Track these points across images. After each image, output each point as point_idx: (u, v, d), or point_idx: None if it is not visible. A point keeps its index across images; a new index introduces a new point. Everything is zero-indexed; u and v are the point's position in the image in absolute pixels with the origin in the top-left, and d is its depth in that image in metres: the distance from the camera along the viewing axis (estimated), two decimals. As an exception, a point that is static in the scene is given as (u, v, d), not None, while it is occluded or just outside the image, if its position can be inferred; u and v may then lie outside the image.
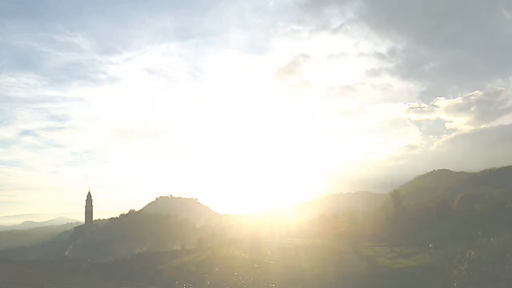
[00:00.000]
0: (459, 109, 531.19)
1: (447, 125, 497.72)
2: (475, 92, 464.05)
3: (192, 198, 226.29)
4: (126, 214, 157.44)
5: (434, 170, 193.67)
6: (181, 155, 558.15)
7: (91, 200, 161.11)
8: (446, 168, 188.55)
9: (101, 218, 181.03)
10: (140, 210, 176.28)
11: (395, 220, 70.72)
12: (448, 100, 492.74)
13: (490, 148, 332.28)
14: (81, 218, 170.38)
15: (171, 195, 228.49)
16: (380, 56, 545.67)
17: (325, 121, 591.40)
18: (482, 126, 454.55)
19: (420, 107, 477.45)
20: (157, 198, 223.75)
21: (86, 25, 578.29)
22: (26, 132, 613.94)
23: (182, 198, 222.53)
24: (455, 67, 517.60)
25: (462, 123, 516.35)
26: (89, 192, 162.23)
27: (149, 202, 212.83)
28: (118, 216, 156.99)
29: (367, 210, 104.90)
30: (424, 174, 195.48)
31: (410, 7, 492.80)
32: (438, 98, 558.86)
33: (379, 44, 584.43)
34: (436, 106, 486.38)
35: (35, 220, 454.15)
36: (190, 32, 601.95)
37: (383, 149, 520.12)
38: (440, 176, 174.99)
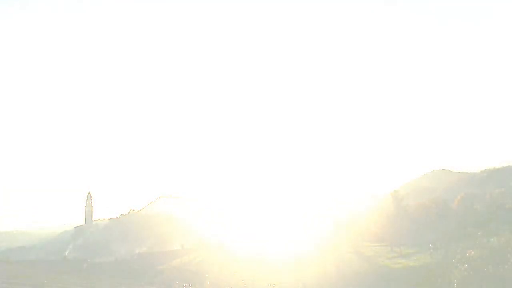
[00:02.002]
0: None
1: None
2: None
3: (192, 198, 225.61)
4: (126, 214, 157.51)
5: (434, 170, 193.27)
6: (182, 152, 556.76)
7: (91, 200, 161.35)
8: (446, 168, 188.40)
9: (101, 218, 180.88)
10: (140, 210, 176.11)
11: (395, 220, 70.71)
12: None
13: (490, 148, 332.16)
14: (81, 218, 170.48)
15: (171, 195, 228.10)
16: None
17: (322, 121, 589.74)
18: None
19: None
20: (157, 198, 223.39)
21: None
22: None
23: (182, 198, 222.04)
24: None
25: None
26: (89, 192, 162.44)
27: (149, 202, 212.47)
28: (118, 216, 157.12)
29: (367, 210, 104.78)
30: (424, 174, 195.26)
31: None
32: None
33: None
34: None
35: (35, 220, 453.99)
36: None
37: (383, 149, 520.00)
38: (440, 176, 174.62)
